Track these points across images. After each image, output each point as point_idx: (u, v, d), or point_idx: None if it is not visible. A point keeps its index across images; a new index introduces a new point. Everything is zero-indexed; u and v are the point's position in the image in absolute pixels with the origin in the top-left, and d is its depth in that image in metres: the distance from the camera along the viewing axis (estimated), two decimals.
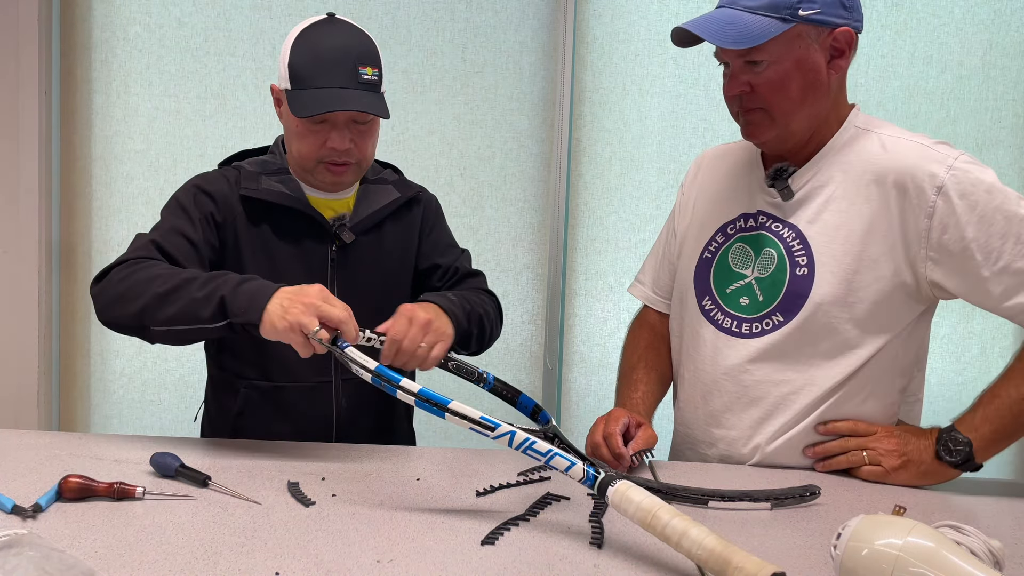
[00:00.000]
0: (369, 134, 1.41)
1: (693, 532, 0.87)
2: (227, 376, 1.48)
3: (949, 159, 1.23)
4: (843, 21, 1.26)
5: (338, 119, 1.36)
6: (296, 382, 1.44)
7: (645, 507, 0.91)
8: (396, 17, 2.49)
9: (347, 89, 1.33)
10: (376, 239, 1.48)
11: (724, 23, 1.24)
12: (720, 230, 1.41)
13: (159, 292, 1.23)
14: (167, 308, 1.22)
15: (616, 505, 0.94)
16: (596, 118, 2.52)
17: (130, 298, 1.25)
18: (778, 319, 1.31)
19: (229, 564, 0.87)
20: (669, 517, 0.89)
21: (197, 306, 1.21)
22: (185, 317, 1.22)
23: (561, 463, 0.99)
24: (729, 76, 1.30)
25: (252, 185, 1.42)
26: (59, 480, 1.04)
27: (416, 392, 1.05)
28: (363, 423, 1.48)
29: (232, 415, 1.45)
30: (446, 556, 0.92)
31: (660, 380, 1.50)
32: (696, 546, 0.86)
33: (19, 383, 2.49)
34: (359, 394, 1.46)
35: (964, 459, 1.22)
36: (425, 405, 1.05)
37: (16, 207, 2.45)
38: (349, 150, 1.38)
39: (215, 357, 1.51)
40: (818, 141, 1.32)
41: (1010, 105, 2.47)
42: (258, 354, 1.43)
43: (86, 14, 2.47)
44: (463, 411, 1.04)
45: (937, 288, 1.26)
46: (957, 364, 2.54)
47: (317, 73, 1.34)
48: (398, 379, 1.07)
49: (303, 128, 1.37)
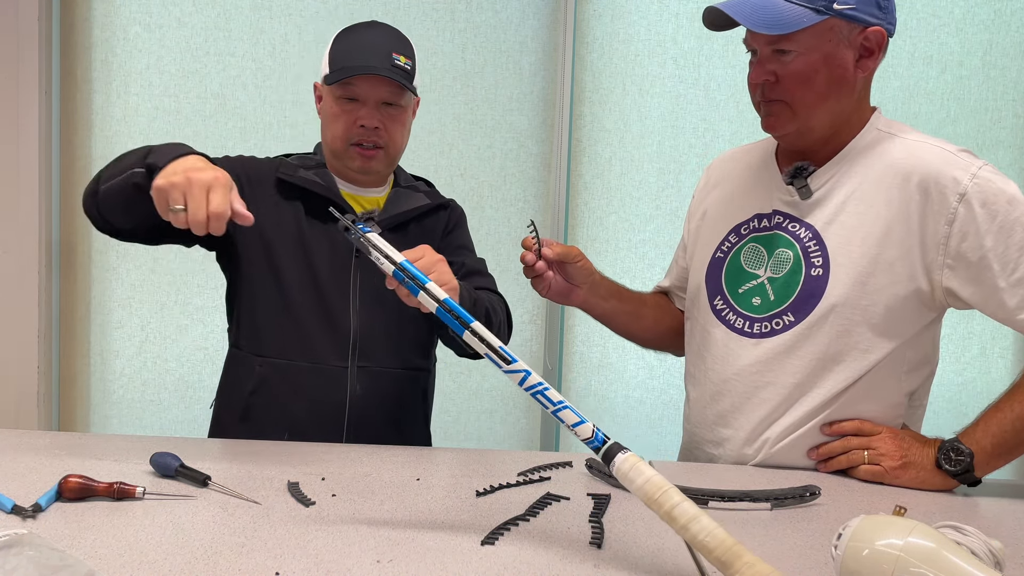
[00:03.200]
0: (399, 120, 1.49)
1: (705, 519, 0.85)
2: (244, 354, 1.49)
3: (973, 167, 1.23)
4: (876, 21, 1.26)
5: (369, 98, 1.44)
6: (313, 363, 1.45)
7: (656, 482, 0.87)
8: (396, 17, 2.49)
9: (378, 67, 1.42)
10: (400, 237, 1.51)
11: (758, 7, 1.24)
12: (733, 230, 1.41)
13: (116, 160, 1.30)
14: (113, 168, 1.28)
15: (623, 475, 0.89)
16: (596, 118, 2.52)
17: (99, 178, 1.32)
18: (788, 319, 1.31)
19: (229, 564, 0.87)
20: (680, 499, 0.86)
21: (131, 159, 1.24)
22: (118, 171, 1.26)
23: (570, 416, 0.92)
24: (755, 63, 1.30)
25: (290, 172, 1.49)
26: (59, 480, 1.04)
27: (441, 300, 0.98)
28: (375, 413, 1.49)
29: (245, 393, 1.46)
30: (446, 556, 0.92)
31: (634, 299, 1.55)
32: (705, 532, 0.83)
33: (19, 383, 2.49)
34: (374, 383, 1.48)
35: (964, 470, 1.22)
36: (447, 316, 0.97)
37: (16, 207, 2.45)
38: (378, 131, 1.45)
39: (235, 334, 1.53)
40: (839, 141, 1.32)
41: (1010, 105, 2.47)
42: (279, 332, 1.46)
43: (86, 14, 2.47)
44: (484, 334, 0.96)
45: (951, 296, 1.26)
46: (957, 364, 2.54)
47: (353, 55, 1.44)
48: (425, 279, 1.00)
49: (336, 108, 1.45)
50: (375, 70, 1.41)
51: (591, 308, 1.52)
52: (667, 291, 1.63)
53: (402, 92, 1.46)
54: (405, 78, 1.45)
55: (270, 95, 2.51)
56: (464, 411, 2.58)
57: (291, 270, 1.46)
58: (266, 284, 1.47)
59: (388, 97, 1.45)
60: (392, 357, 1.50)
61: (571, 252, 1.42)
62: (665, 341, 1.60)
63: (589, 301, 1.49)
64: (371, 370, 1.48)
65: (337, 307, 1.47)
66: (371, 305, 1.48)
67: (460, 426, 2.57)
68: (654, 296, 1.62)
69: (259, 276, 1.48)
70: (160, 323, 2.54)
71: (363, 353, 1.48)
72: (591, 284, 1.47)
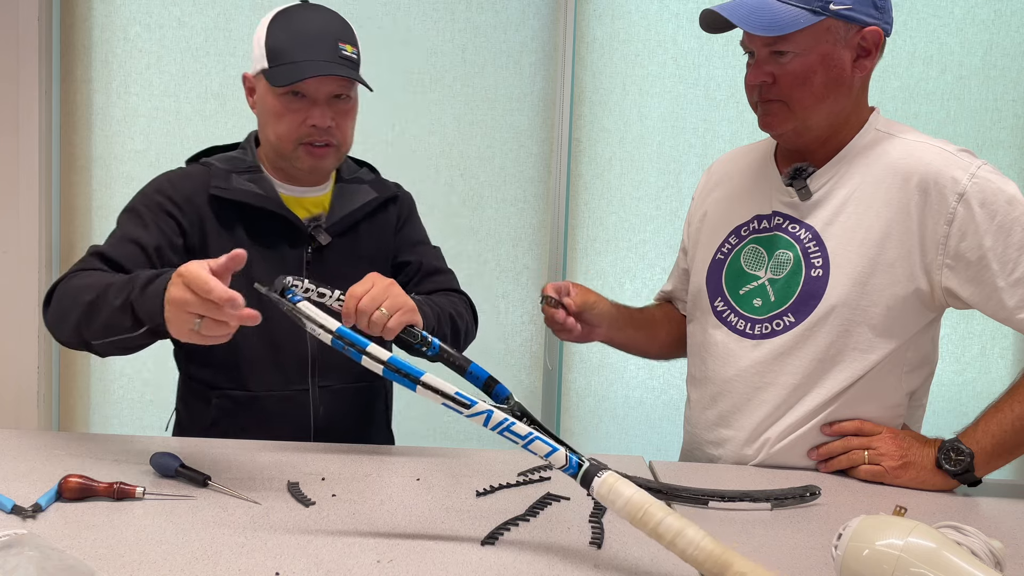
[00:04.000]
0: (349, 115, 1.39)
1: (690, 532, 0.83)
2: (198, 387, 1.43)
3: (972, 167, 1.23)
4: (873, 20, 1.26)
5: (319, 95, 1.33)
6: (271, 391, 1.40)
7: (636, 502, 0.86)
8: (396, 17, 2.49)
9: (328, 62, 1.32)
10: (352, 240, 1.45)
11: (754, 9, 1.24)
12: (733, 232, 1.41)
13: (86, 302, 1.17)
14: (96, 320, 1.16)
15: (603, 497, 0.89)
16: (596, 118, 2.52)
17: (65, 314, 1.21)
18: (789, 320, 1.31)
19: (229, 564, 0.87)
20: (663, 515, 0.85)
21: (118, 316, 1.14)
22: (112, 328, 1.15)
23: (541, 448, 0.91)
24: (753, 64, 1.30)
25: (222, 184, 1.37)
26: (59, 480, 1.04)
27: (385, 360, 0.93)
28: (341, 429, 1.44)
29: (206, 426, 1.41)
30: (446, 556, 0.92)
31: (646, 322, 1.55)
32: (692, 546, 0.82)
33: (19, 383, 2.49)
34: (336, 401, 1.43)
35: (964, 470, 1.22)
36: (395, 375, 0.93)
37: (16, 207, 2.45)
38: (330, 129, 1.35)
39: (184, 367, 1.47)
40: (838, 142, 1.32)
41: (1010, 106, 2.47)
42: (231, 362, 1.39)
43: (86, 14, 2.47)
44: (437, 384, 0.93)
45: (951, 296, 1.26)
46: (957, 364, 2.54)
47: (297, 47, 1.32)
48: (365, 344, 0.94)
49: (282, 106, 1.34)
50: (327, 68, 1.30)
51: (610, 342, 1.52)
52: (670, 297, 1.63)
53: (351, 85, 1.36)
54: (354, 69, 1.35)
55: None
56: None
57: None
58: None
59: (338, 91, 1.35)
60: (353, 373, 1.41)
61: (587, 300, 1.41)
62: (678, 350, 1.59)
63: (608, 336, 1.49)
64: (332, 389, 1.43)
65: (292, 330, 1.32)
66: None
67: (460, 426, 2.57)
68: (661, 309, 1.62)
69: None
70: None
71: (323, 374, 1.42)
72: (609, 322, 1.46)
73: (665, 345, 1.59)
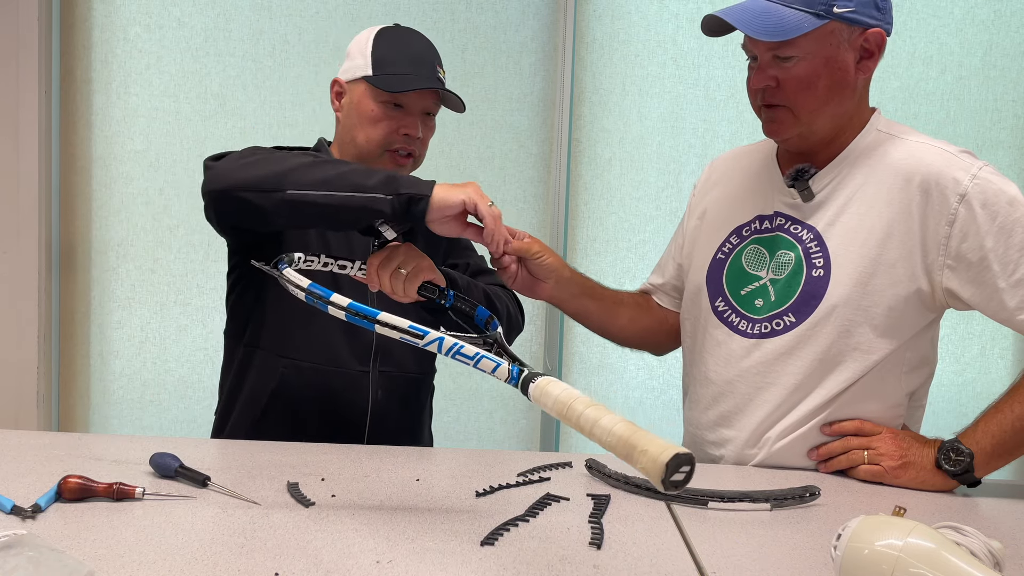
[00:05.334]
0: (432, 132, 1.51)
1: (605, 420, 0.84)
2: (265, 353, 1.47)
3: (973, 168, 1.23)
4: (875, 22, 1.26)
5: (415, 108, 1.45)
6: (336, 367, 1.45)
7: (562, 400, 0.89)
8: (396, 17, 2.48)
9: (431, 78, 1.44)
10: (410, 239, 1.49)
11: (758, 14, 1.23)
12: (735, 232, 1.41)
13: (304, 162, 1.23)
14: (314, 173, 1.21)
15: (536, 399, 0.92)
16: (596, 118, 2.52)
17: (266, 163, 1.25)
18: (789, 320, 1.31)
19: (228, 564, 0.87)
20: (583, 408, 0.86)
21: (359, 176, 1.20)
22: (343, 183, 1.19)
23: (488, 364, 0.96)
24: (756, 69, 1.29)
25: None
26: (58, 480, 1.03)
27: (345, 306, 1.01)
28: (394, 417, 1.50)
29: (266, 393, 1.45)
30: (446, 556, 0.92)
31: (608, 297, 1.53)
32: (606, 433, 0.83)
33: (19, 383, 2.49)
34: (393, 388, 1.49)
35: (964, 470, 1.22)
36: (355, 319, 1.01)
37: (16, 207, 2.45)
38: (417, 140, 1.47)
39: (254, 335, 1.49)
40: (840, 143, 1.32)
41: (1010, 106, 2.47)
42: (304, 334, 1.45)
43: (86, 14, 2.47)
44: (391, 321, 1.00)
45: (951, 296, 1.26)
46: (957, 364, 2.54)
47: (405, 61, 1.44)
48: (328, 294, 1.03)
49: (379, 113, 1.44)
50: (434, 83, 1.43)
51: (559, 304, 1.49)
52: (651, 291, 1.60)
53: (439, 105, 1.50)
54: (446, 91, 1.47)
55: (270, 95, 2.51)
56: (464, 411, 2.58)
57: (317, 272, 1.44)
58: None
59: (431, 108, 1.49)
60: (408, 362, 1.52)
61: (531, 248, 1.37)
62: (641, 340, 1.59)
63: (556, 297, 1.45)
64: (391, 375, 1.49)
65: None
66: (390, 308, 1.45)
67: (460, 426, 2.57)
68: (632, 296, 1.60)
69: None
70: (160, 323, 2.54)
71: (384, 359, 1.48)
72: (557, 280, 1.42)
73: (625, 329, 1.55)
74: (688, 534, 1.02)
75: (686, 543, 1.00)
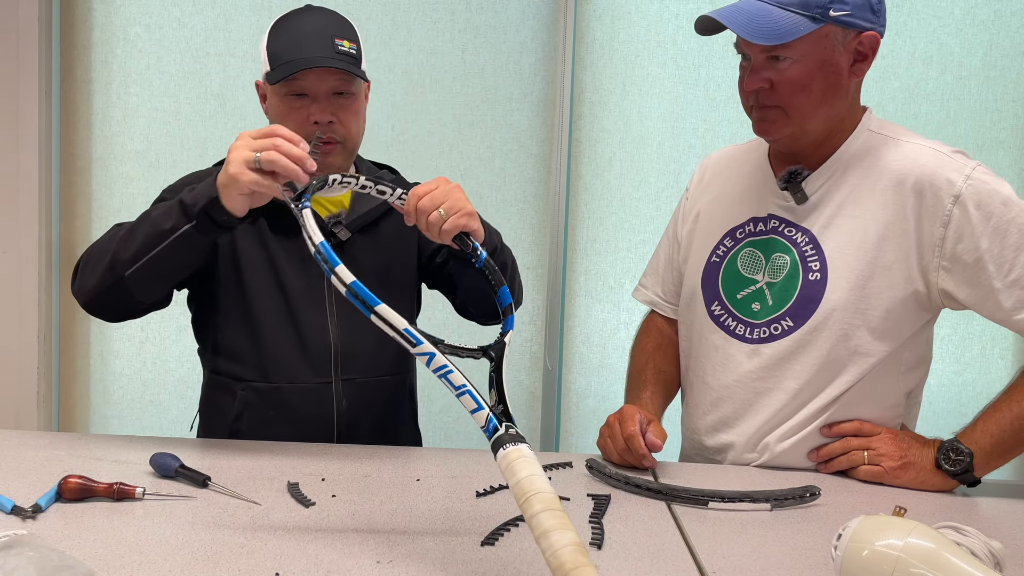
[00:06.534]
0: (352, 110, 1.40)
1: (554, 537, 0.78)
2: (223, 380, 1.45)
3: (967, 168, 1.23)
4: (870, 25, 1.25)
5: (319, 92, 1.36)
6: (294, 383, 1.42)
7: (523, 487, 0.83)
8: (396, 17, 2.49)
9: (322, 57, 1.34)
10: (373, 236, 1.47)
11: (754, 16, 1.23)
12: (728, 234, 1.40)
13: (121, 236, 1.24)
14: (131, 245, 1.22)
15: (502, 471, 0.88)
16: (596, 118, 2.52)
17: (99, 258, 1.26)
18: (787, 324, 1.30)
19: (229, 564, 0.87)
20: (540, 508, 0.81)
21: (158, 224, 1.20)
22: (150, 241, 1.20)
23: (469, 403, 0.92)
24: (749, 70, 1.29)
25: None
26: (59, 480, 1.04)
27: (348, 283, 0.94)
28: (365, 424, 1.46)
29: (230, 419, 1.43)
30: (446, 556, 0.92)
31: (668, 381, 1.49)
32: (550, 552, 0.78)
33: (19, 383, 2.49)
34: (360, 395, 1.44)
35: (963, 470, 1.22)
36: (353, 299, 0.95)
37: (16, 207, 2.45)
38: (332, 125, 1.37)
39: (211, 360, 1.49)
40: (831, 144, 1.32)
41: (1010, 106, 2.47)
42: (256, 355, 1.42)
43: (86, 14, 2.47)
44: (388, 316, 0.94)
45: (947, 297, 1.26)
46: (957, 364, 2.54)
47: (294, 46, 1.36)
48: (336, 262, 0.95)
49: (286, 107, 1.38)
50: (320, 61, 1.33)
51: None
52: (657, 304, 1.55)
53: (352, 79, 1.38)
54: (352, 64, 1.37)
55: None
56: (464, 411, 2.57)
57: (262, 291, 1.41)
58: (239, 307, 1.42)
59: (338, 87, 1.37)
60: (376, 366, 1.46)
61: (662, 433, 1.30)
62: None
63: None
64: (356, 382, 1.44)
65: (314, 322, 1.42)
66: (349, 315, 1.42)
67: (460, 426, 2.57)
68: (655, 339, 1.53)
69: (232, 298, 1.42)
70: (160, 323, 2.53)
71: (346, 366, 1.43)
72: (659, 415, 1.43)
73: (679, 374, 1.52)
74: (688, 534, 1.02)
75: (686, 543, 1.00)
